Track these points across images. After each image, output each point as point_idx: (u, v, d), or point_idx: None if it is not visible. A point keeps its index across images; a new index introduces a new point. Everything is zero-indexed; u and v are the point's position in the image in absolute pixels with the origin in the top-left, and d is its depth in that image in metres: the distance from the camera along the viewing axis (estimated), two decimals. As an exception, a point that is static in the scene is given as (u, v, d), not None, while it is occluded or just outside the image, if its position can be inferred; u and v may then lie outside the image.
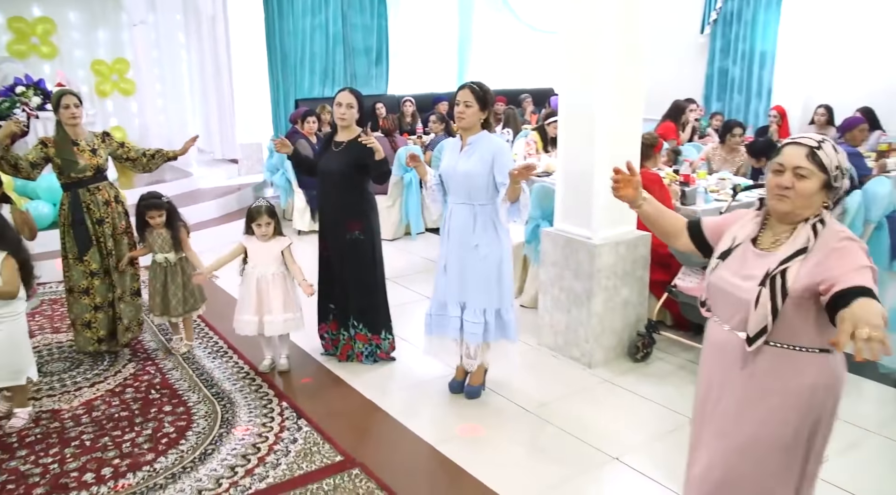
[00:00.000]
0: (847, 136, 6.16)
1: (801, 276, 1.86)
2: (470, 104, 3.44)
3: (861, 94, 8.21)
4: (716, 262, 2.09)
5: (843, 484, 3.02)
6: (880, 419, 3.58)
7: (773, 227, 2.02)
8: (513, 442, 3.37)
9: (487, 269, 3.53)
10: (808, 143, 1.91)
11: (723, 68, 10.20)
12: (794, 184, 1.90)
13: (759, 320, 1.90)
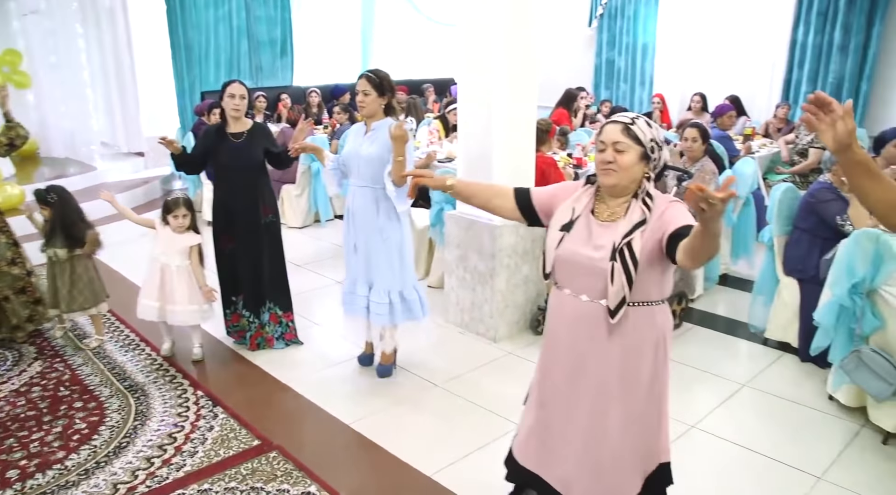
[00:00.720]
0: (718, 122, 6.69)
1: (646, 243, 2.05)
2: (368, 92, 3.55)
3: (729, 83, 8.93)
4: (560, 235, 2.18)
5: (723, 435, 3.37)
6: (751, 373, 3.99)
7: (607, 201, 2.18)
8: (425, 416, 3.55)
9: (390, 252, 3.68)
10: (622, 120, 2.11)
11: (609, 59, 10.74)
12: (615, 158, 2.09)
13: (617, 292, 2.05)
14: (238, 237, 4.10)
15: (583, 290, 2.15)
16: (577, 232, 2.16)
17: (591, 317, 2.14)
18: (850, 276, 3.32)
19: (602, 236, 2.11)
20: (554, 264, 2.19)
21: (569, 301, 2.19)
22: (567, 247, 2.16)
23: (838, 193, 3.92)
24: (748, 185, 5.27)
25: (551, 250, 2.19)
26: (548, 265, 2.21)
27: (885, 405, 3.26)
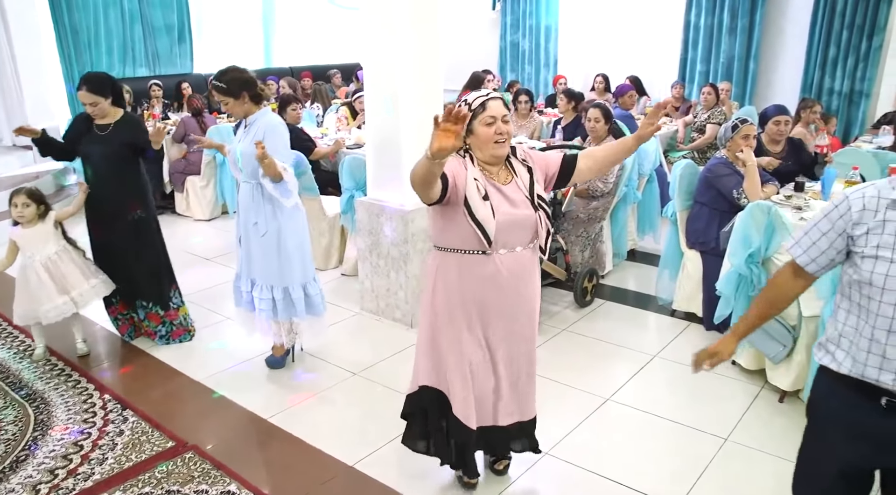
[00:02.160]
0: (620, 101, 6.90)
1: (541, 188, 2.50)
2: (224, 101, 3.50)
3: (629, 64, 9.22)
4: (488, 204, 2.35)
5: (638, 405, 3.50)
6: (660, 344, 4.16)
7: (489, 168, 2.45)
8: (345, 405, 3.51)
9: (267, 247, 3.59)
10: (500, 95, 2.43)
11: (514, 41, 10.86)
12: (507, 130, 2.39)
13: (544, 233, 2.47)
14: (106, 230, 3.97)
15: (516, 244, 2.45)
16: (495, 198, 2.39)
17: (525, 262, 2.50)
18: (747, 247, 3.49)
19: (513, 195, 2.43)
20: (497, 228, 2.37)
21: (506, 258, 2.45)
22: (501, 211, 2.38)
23: (734, 168, 4.11)
24: (651, 162, 5.46)
25: (490, 220, 2.36)
26: (491, 234, 2.37)
27: (780, 366, 3.47)
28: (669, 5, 9.19)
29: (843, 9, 7.82)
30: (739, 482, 2.90)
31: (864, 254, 1.70)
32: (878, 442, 1.76)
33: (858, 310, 1.75)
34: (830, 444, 1.85)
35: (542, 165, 2.53)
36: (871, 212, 1.70)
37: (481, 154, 2.42)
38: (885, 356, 1.69)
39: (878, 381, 1.71)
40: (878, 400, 1.73)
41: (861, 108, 7.99)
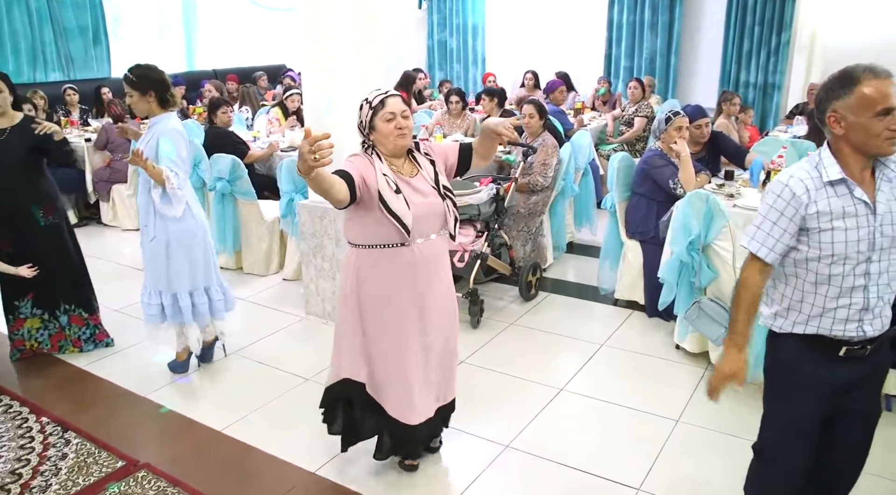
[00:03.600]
0: (551, 97, 7.03)
1: (445, 178, 2.65)
2: (130, 93, 3.42)
3: (557, 60, 9.40)
4: (401, 197, 2.48)
5: (590, 393, 3.58)
6: (606, 333, 4.26)
7: (394, 162, 2.58)
8: (299, 411, 3.44)
9: (156, 252, 3.54)
10: (397, 93, 2.57)
11: (441, 40, 10.91)
12: (407, 124, 2.53)
13: (452, 220, 2.62)
14: (14, 239, 3.78)
15: (430, 232, 2.60)
16: (406, 191, 2.52)
17: (438, 250, 2.66)
18: (687, 234, 3.62)
19: (422, 187, 2.57)
20: (413, 220, 2.50)
21: (423, 247, 2.59)
22: (415, 203, 2.52)
23: (668, 159, 4.25)
24: (585, 156, 5.58)
25: (406, 212, 2.48)
26: (409, 225, 2.48)
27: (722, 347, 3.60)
28: (593, 3, 9.42)
29: (754, 6, 8.21)
30: (694, 460, 3.01)
31: (821, 228, 1.89)
32: (839, 388, 2.01)
33: (816, 278, 1.95)
34: (805, 400, 2.04)
35: (442, 156, 2.71)
36: (813, 192, 1.90)
37: (385, 148, 2.56)
38: (836, 317, 1.95)
39: (840, 334, 1.96)
40: (838, 351, 1.98)
41: (774, 99, 8.41)
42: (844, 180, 1.88)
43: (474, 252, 4.34)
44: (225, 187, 5.11)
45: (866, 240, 1.89)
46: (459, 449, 3.14)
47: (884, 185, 1.92)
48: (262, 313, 4.64)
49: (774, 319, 2.08)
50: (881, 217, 1.89)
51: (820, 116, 1.94)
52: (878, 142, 1.84)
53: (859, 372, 2.02)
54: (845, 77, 1.88)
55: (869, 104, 1.82)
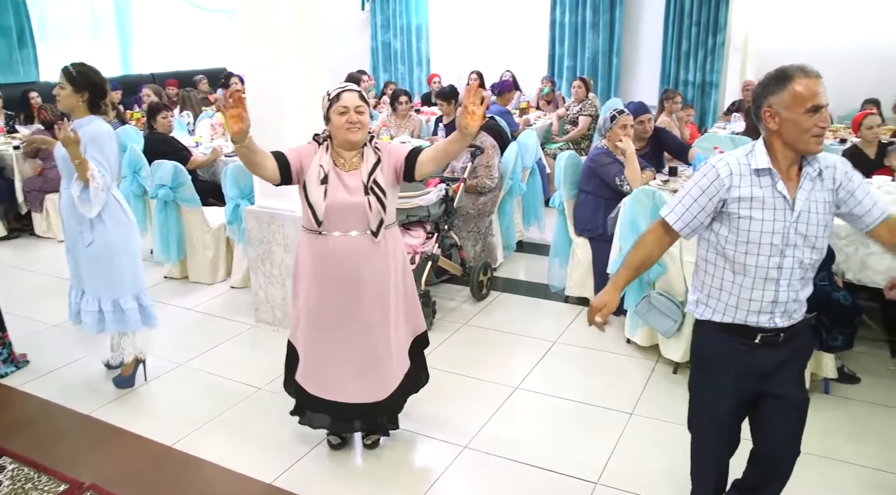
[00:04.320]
0: (502, 97, 7.06)
1: (387, 176, 2.70)
2: (63, 86, 3.31)
3: (502, 61, 9.47)
4: (322, 188, 2.62)
5: (545, 391, 3.60)
6: (558, 330, 4.29)
7: (343, 155, 2.69)
8: (253, 421, 3.37)
9: (95, 257, 3.44)
10: (356, 89, 2.66)
11: (385, 41, 10.86)
12: (358, 120, 2.61)
13: (375, 217, 2.66)
14: None
15: (350, 228, 2.66)
16: (333, 183, 2.64)
17: (360, 245, 2.69)
18: (635, 230, 3.67)
19: (351, 183, 2.66)
20: (325, 212, 2.60)
21: (340, 240, 2.67)
22: (333, 196, 2.62)
23: (614, 157, 4.31)
24: (532, 155, 5.62)
25: (321, 202, 2.61)
26: (319, 215, 2.62)
27: (672, 340, 3.67)
28: (535, 4, 9.52)
29: (690, 8, 8.43)
30: (649, 451, 3.06)
31: (740, 215, 1.98)
32: (759, 373, 2.11)
33: (733, 267, 2.04)
34: (725, 385, 2.15)
35: (393, 157, 2.75)
36: (737, 177, 1.99)
37: (337, 140, 2.68)
38: (749, 309, 2.05)
39: (755, 323, 2.06)
40: (755, 338, 2.08)
41: (712, 97, 8.65)
42: (770, 171, 1.96)
43: (425, 253, 4.32)
44: (167, 194, 4.96)
45: (781, 233, 1.96)
46: (418, 453, 3.12)
47: (806, 184, 1.98)
48: (211, 322, 4.53)
49: (697, 306, 2.18)
50: (797, 214, 1.97)
51: (756, 111, 2.01)
52: (807, 139, 1.91)
53: (778, 357, 2.11)
54: (780, 75, 1.95)
55: (800, 101, 1.89)
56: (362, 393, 2.86)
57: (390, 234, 2.79)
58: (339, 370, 2.83)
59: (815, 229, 1.99)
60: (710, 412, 2.24)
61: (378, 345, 2.83)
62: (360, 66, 9.69)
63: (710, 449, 2.33)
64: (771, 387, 2.13)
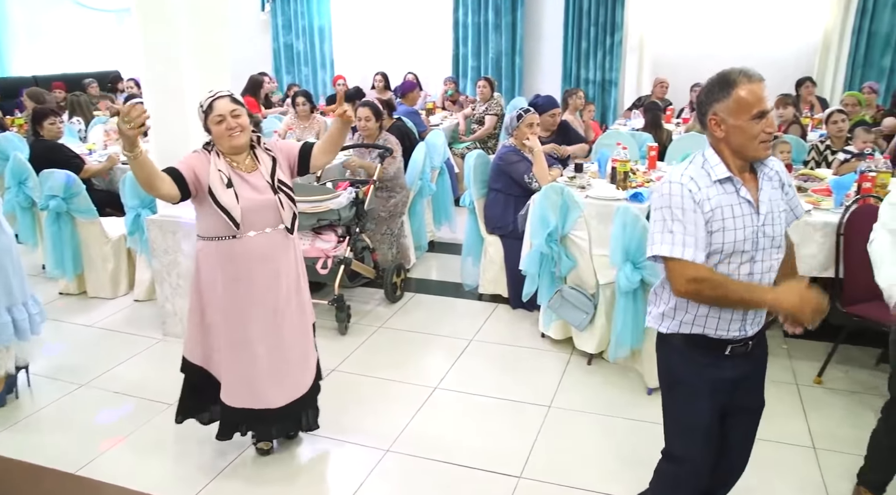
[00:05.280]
0: (406, 98, 7.07)
1: (286, 174, 2.78)
2: None
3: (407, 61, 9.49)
4: (231, 192, 2.62)
5: (464, 389, 3.63)
6: (474, 328, 4.34)
7: (235, 159, 2.70)
8: (167, 440, 3.23)
9: None
10: (227, 94, 2.66)
11: (287, 43, 10.65)
12: (237, 124, 2.63)
13: (288, 213, 2.73)
14: None
15: (264, 226, 2.71)
16: (239, 185, 2.65)
17: (277, 241, 2.74)
18: (545, 227, 3.75)
19: (256, 182, 2.69)
20: (242, 214, 2.62)
21: (257, 239, 2.69)
22: (245, 197, 2.64)
23: (522, 155, 4.40)
24: (440, 155, 5.65)
25: (235, 205, 2.62)
26: (237, 218, 2.62)
27: (585, 332, 3.79)
28: (438, 4, 9.57)
29: (589, 8, 8.70)
30: (569, 442, 3.14)
31: (713, 230, 1.90)
32: (729, 385, 2.05)
33: None
34: (701, 401, 2.05)
35: (285, 153, 2.82)
36: (704, 190, 1.90)
37: (222, 148, 2.68)
38: (721, 316, 1.97)
39: (725, 334, 1.99)
40: (724, 350, 2.01)
41: (612, 95, 8.96)
42: (731, 178, 1.91)
43: (337, 257, 4.27)
44: (60, 206, 4.68)
45: (751, 239, 1.91)
46: (340, 459, 3.09)
47: (765, 184, 1.95)
48: (114, 339, 4.30)
49: (662, 320, 2.07)
50: (763, 217, 1.93)
51: (701, 118, 1.96)
52: (755, 145, 1.87)
53: (745, 368, 2.06)
54: (723, 81, 1.89)
55: (746, 107, 1.84)
56: (293, 389, 2.89)
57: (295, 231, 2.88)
58: (266, 373, 2.81)
59: (780, 229, 1.97)
60: (695, 433, 2.09)
61: (299, 340, 2.88)
62: (262, 68, 9.46)
63: (698, 474, 2.14)
64: (738, 398, 2.09)
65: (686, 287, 1.90)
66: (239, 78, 7.89)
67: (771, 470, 2.10)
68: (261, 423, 2.91)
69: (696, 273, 1.88)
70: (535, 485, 2.85)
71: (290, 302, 2.83)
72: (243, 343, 2.78)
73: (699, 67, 8.20)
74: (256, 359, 2.79)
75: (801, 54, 8.18)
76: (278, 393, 2.85)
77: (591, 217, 3.81)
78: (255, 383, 2.81)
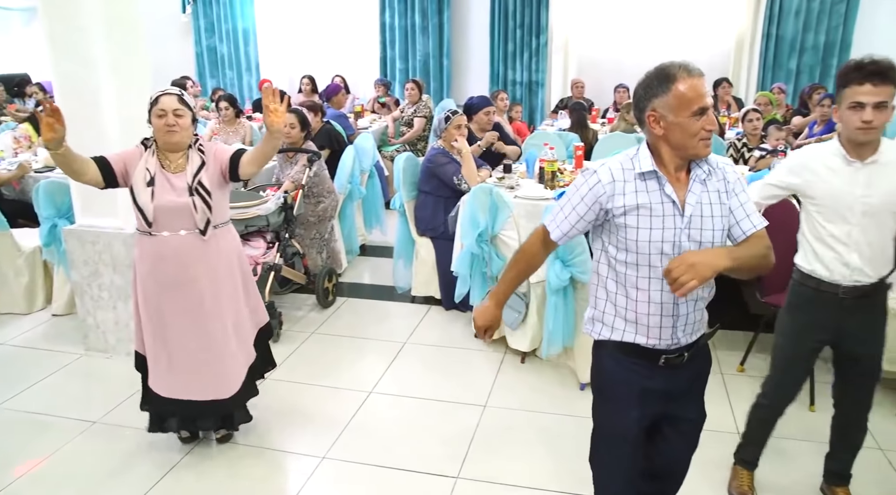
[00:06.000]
0: (332, 102, 7.00)
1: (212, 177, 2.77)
2: None
3: (335, 64, 9.40)
4: (150, 190, 2.69)
5: (399, 392, 3.62)
6: (408, 331, 4.33)
7: (169, 157, 2.76)
8: (91, 460, 3.07)
9: None
10: (175, 92, 2.72)
11: (211, 46, 10.38)
12: (176, 123, 2.68)
13: (202, 218, 2.73)
14: None
15: (179, 227, 2.74)
16: (160, 185, 2.71)
17: (187, 245, 2.76)
18: (475, 227, 3.78)
19: (178, 183, 2.73)
20: (154, 213, 2.68)
21: (171, 240, 2.74)
22: (161, 197, 2.69)
23: (451, 157, 4.42)
24: (370, 158, 5.63)
25: (149, 204, 2.68)
26: (149, 216, 2.69)
27: (518, 331, 3.83)
28: (364, 7, 9.52)
29: (514, 10, 8.81)
30: (505, 440, 3.17)
31: (627, 224, 1.82)
32: (663, 396, 1.95)
33: (625, 280, 1.88)
34: (630, 410, 1.94)
35: (218, 158, 2.81)
36: (620, 183, 1.82)
37: (159, 142, 2.75)
38: (650, 324, 1.88)
39: (656, 343, 1.90)
40: (658, 361, 1.91)
41: (539, 96, 9.10)
42: (655, 172, 1.81)
43: (266, 264, 4.18)
44: (-35, 218, 4.43)
45: (671, 241, 1.81)
46: (276, 468, 3.03)
47: (696, 186, 1.83)
48: (30, 356, 4.09)
49: (593, 325, 2.00)
50: (688, 219, 1.81)
51: (639, 115, 1.86)
52: (695, 143, 1.78)
53: (682, 379, 1.97)
54: (662, 75, 1.78)
55: (686, 103, 1.74)
56: (211, 390, 2.91)
57: (222, 233, 2.87)
58: (185, 368, 2.87)
59: (711, 234, 1.84)
60: (618, 439, 2.00)
61: (218, 341, 2.88)
62: (184, 72, 9.19)
63: (619, 479, 2.05)
64: (674, 409, 2.00)
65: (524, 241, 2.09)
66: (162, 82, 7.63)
67: (696, 456, 2.16)
68: (185, 414, 2.97)
69: (531, 239, 2.04)
70: (472, 485, 2.87)
71: (208, 309, 2.83)
72: (161, 336, 2.86)
73: (623, 69, 8.51)
74: (174, 353, 2.86)
75: (718, 57, 8.52)
76: (199, 388, 2.90)
77: (521, 216, 3.86)
78: (175, 375, 2.89)
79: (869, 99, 2.18)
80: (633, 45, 8.62)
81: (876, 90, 2.17)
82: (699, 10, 8.58)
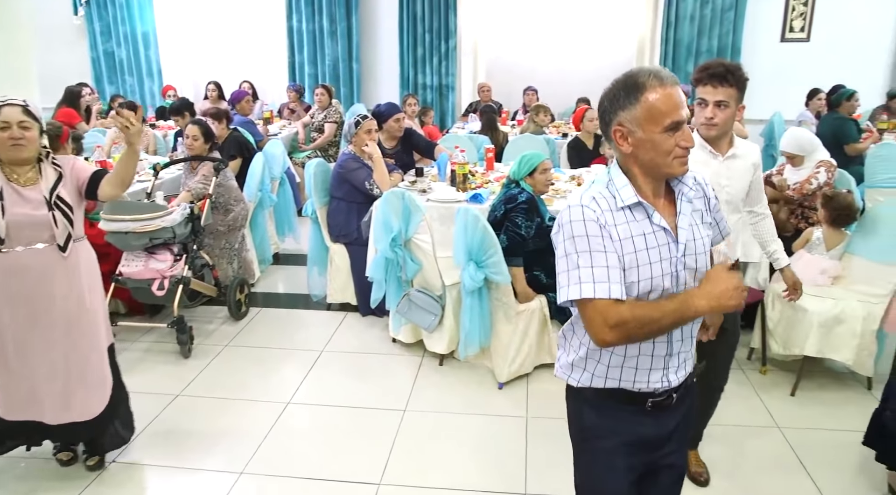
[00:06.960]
0: (237, 108, 6.84)
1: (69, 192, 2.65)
2: None
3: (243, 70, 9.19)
4: None
5: (318, 401, 3.57)
6: (324, 339, 4.27)
7: (16, 170, 2.60)
8: None
9: None
10: (19, 103, 2.55)
11: (108, 50, 9.91)
12: (23, 135, 2.53)
13: (62, 232, 2.62)
14: None
15: (35, 241, 2.61)
16: (10, 199, 2.56)
17: (49, 258, 2.64)
18: (388, 232, 3.78)
19: (32, 196, 2.59)
20: (6, 229, 2.54)
21: (25, 254, 2.59)
22: (13, 211, 2.55)
23: (362, 162, 4.39)
24: (280, 165, 5.54)
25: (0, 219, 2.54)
26: (1, 232, 2.54)
27: (434, 333, 3.85)
28: (271, 11, 9.34)
29: (423, 15, 8.85)
30: (426, 443, 3.17)
31: (625, 266, 1.57)
32: (650, 443, 1.75)
33: None
34: (615, 462, 1.74)
35: (76, 173, 2.71)
36: (609, 213, 1.58)
37: (2, 156, 2.57)
38: (638, 367, 1.67)
39: (645, 387, 1.68)
40: (644, 404, 1.71)
41: (450, 99, 9.17)
42: (641, 203, 1.59)
43: (174, 277, 4.04)
44: None
45: (670, 274, 1.60)
46: (191, 488, 2.92)
47: (684, 207, 1.64)
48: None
49: (571, 371, 1.74)
50: (684, 246, 1.61)
51: (605, 130, 1.63)
52: (669, 161, 1.56)
53: (669, 424, 1.76)
54: (629, 84, 1.57)
55: (657, 116, 1.53)
56: (75, 411, 2.78)
57: (81, 247, 2.77)
58: (41, 388, 2.73)
59: (703, 259, 1.66)
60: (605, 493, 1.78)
61: (83, 360, 2.77)
62: (80, 78, 8.74)
63: None
64: (661, 458, 1.78)
65: (610, 335, 1.53)
66: (55, 89, 7.27)
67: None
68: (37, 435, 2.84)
69: (619, 316, 1.52)
70: (395, 490, 2.85)
71: (66, 327, 2.72)
72: (12, 356, 2.69)
73: (531, 71, 8.70)
74: (26, 374, 2.71)
75: (621, 61, 8.83)
76: (57, 411, 2.76)
77: (434, 220, 3.89)
78: (27, 396, 2.73)
79: (710, 97, 2.40)
80: (540, 49, 8.83)
81: (715, 90, 2.38)
82: (603, 15, 8.90)
